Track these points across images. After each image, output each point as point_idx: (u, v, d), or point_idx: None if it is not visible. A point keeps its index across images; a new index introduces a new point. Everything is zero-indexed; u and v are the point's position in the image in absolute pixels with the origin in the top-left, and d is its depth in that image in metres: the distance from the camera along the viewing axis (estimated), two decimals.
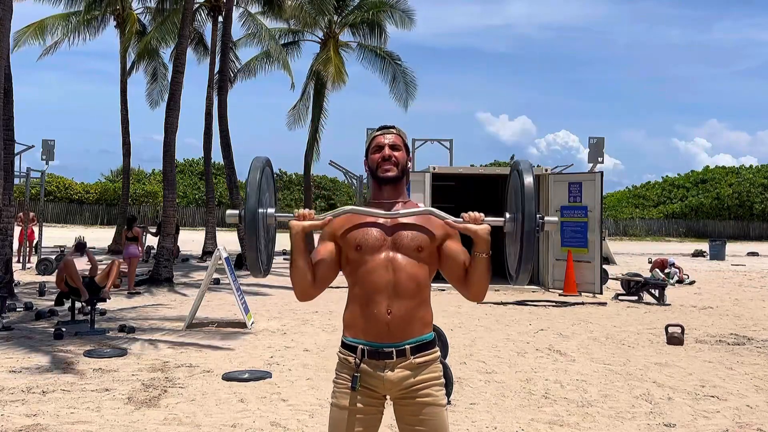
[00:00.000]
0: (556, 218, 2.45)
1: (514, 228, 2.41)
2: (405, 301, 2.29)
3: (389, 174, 2.39)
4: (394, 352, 2.28)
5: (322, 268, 2.39)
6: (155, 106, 25.87)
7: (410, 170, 2.52)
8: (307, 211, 2.41)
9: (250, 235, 2.38)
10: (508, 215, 2.46)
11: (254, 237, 2.38)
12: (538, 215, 2.31)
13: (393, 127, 2.49)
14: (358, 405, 2.29)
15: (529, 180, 2.34)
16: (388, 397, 2.34)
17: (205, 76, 23.91)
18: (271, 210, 2.52)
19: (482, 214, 2.37)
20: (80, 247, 9.47)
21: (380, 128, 2.49)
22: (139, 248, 12.84)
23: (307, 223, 2.39)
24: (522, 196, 2.34)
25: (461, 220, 2.36)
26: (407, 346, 2.29)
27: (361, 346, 2.30)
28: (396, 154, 2.41)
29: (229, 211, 2.48)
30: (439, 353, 2.39)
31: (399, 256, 2.30)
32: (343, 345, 2.37)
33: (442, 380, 2.36)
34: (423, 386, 2.30)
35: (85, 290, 8.25)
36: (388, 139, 2.43)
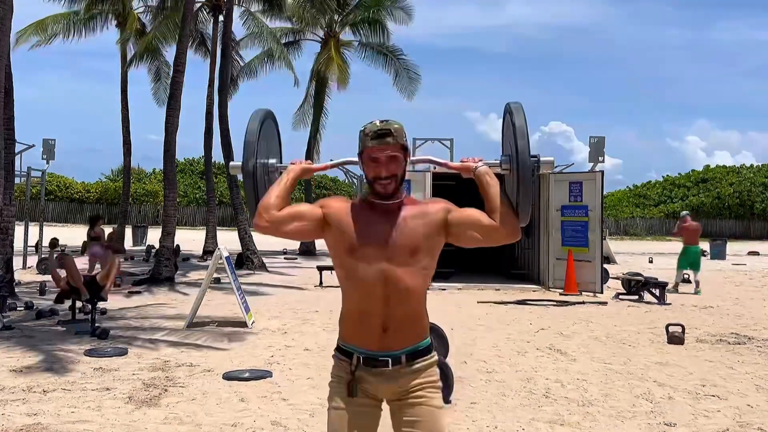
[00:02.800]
0: (552, 158, 2.37)
1: (510, 171, 2.40)
2: (400, 316, 2.24)
3: (387, 191, 2.27)
4: (390, 361, 2.26)
5: (294, 216, 2.33)
6: (162, 104, 25.85)
7: (410, 169, 2.49)
8: (306, 161, 2.47)
9: (249, 186, 2.40)
10: (502, 157, 2.43)
11: (253, 187, 2.41)
12: (532, 158, 2.27)
13: (389, 132, 2.24)
14: (356, 407, 2.28)
15: (520, 122, 2.29)
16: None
17: (206, 76, 23.92)
18: (272, 160, 2.53)
19: (480, 158, 2.40)
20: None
21: (375, 133, 2.24)
22: (102, 248, 12.53)
23: (305, 166, 2.43)
24: (515, 140, 2.29)
25: (459, 163, 2.40)
26: (403, 355, 2.27)
27: (356, 354, 2.28)
28: (395, 170, 2.26)
29: (231, 163, 2.50)
30: (435, 358, 2.36)
31: (393, 268, 2.22)
32: (339, 349, 2.35)
33: (439, 384, 2.33)
34: (417, 388, 2.27)
35: (85, 289, 8.25)
36: (386, 152, 2.24)
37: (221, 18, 21.58)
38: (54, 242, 10.74)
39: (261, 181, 2.45)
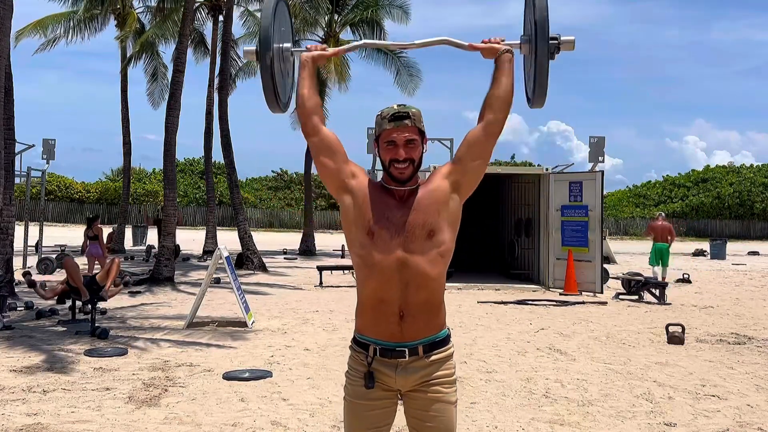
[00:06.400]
0: (572, 37, 2.32)
1: (530, 50, 2.37)
2: (418, 303, 2.21)
3: (404, 176, 2.24)
4: (407, 352, 2.23)
5: (330, 136, 2.34)
6: (156, 106, 25.85)
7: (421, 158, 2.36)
8: (320, 46, 2.44)
9: (265, 70, 2.37)
10: (523, 37, 2.41)
11: (269, 72, 2.38)
12: (552, 40, 2.25)
13: (407, 114, 2.23)
14: (372, 399, 2.27)
15: (542, 2, 2.28)
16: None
17: (205, 76, 23.94)
18: (287, 44, 2.53)
19: (502, 38, 2.38)
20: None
21: (393, 116, 2.23)
22: (102, 247, 12.66)
23: (317, 53, 2.41)
24: (534, 18, 2.29)
25: (482, 44, 2.38)
26: (420, 346, 2.24)
27: (373, 345, 2.25)
28: (412, 153, 2.24)
29: (245, 48, 2.48)
30: (453, 350, 2.35)
31: (411, 253, 2.19)
32: (356, 341, 2.32)
33: (455, 378, 2.33)
34: (434, 382, 2.26)
35: (85, 290, 8.25)
36: (404, 135, 2.22)
37: (221, 18, 21.60)
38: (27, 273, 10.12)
39: (277, 66, 2.44)
